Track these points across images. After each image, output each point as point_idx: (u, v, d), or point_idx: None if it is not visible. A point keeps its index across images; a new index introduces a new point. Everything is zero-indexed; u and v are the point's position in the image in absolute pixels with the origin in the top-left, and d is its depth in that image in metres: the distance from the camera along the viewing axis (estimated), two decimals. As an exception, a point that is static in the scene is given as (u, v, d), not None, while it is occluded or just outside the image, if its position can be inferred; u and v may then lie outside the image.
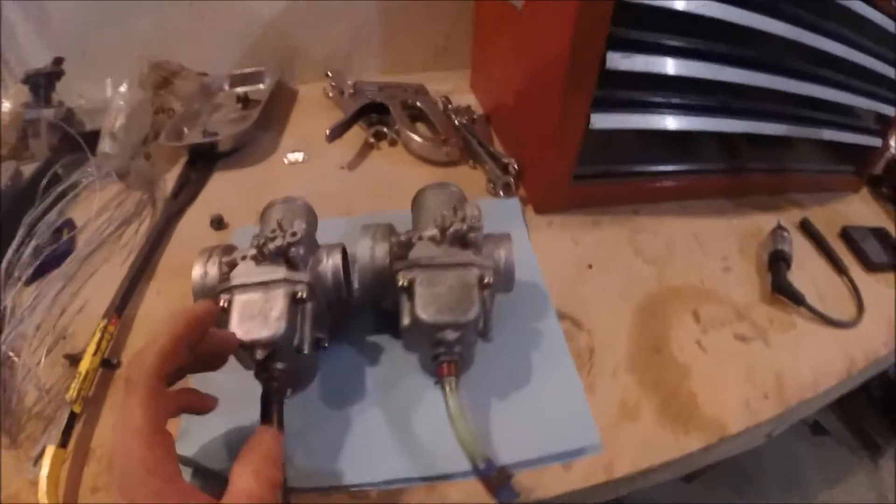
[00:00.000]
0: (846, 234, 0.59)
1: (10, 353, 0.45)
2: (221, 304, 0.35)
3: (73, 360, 0.46)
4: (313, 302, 0.37)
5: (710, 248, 0.55)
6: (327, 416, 0.40)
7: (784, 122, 0.58)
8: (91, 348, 0.44)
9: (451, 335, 0.34)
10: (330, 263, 0.39)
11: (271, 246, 0.36)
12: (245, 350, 0.33)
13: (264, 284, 0.35)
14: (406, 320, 0.35)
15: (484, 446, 0.32)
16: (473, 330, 0.35)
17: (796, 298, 0.49)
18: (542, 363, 0.42)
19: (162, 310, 0.51)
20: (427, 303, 0.34)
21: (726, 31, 0.48)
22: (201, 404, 0.34)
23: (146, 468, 0.25)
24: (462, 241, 0.38)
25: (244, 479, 0.27)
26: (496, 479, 0.31)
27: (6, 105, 0.63)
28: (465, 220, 0.38)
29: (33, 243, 0.54)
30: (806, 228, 0.60)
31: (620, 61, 0.46)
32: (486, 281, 0.36)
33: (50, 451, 0.39)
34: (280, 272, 0.36)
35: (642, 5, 0.44)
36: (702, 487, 0.98)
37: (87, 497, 0.39)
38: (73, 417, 0.41)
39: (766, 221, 0.59)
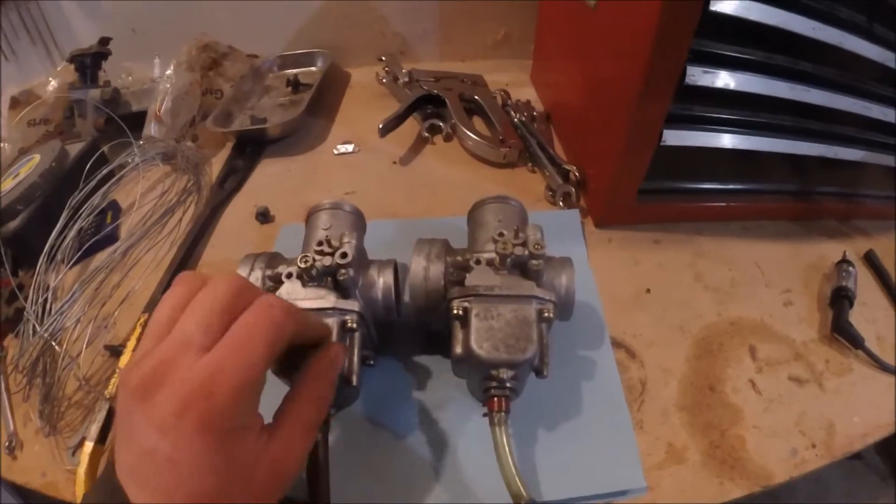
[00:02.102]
0: (911, 269, 0.55)
1: (53, 343, 0.45)
2: None
3: (114, 351, 0.46)
4: (362, 328, 0.35)
5: (772, 278, 0.52)
6: (369, 434, 0.39)
7: (861, 147, 0.55)
8: (131, 344, 0.45)
9: (505, 373, 0.32)
10: (381, 283, 0.38)
11: (319, 266, 0.35)
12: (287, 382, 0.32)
13: (312, 312, 0.34)
14: (458, 350, 0.34)
15: (528, 490, 0.30)
16: (528, 367, 0.33)
17: (855, 342, 0.46)
18: (593, 395, 0.41)
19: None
20: (482, 337, 0.32)
21: (813, 50, 0.45)
22: None
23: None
24: (522, 268, 0.36)
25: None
26: (540, 523, 0.30)
27: (52, 84, 0.63)
28: (527, 245, 0.36)
29: (77, 226, 0.53)
30: (870, 261, 0.56)
31: (701, 76, 0.42)
32: (545, 315, 0.34)
33: (88, 447, 0.39)
34: (329, 299, 0.34)
35: (726, 17, 0.40)
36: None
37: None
38: (111, 413, 0.41)
39: (831, 250, 0.55)
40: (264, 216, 0.57)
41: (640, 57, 0.41)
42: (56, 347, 0.46)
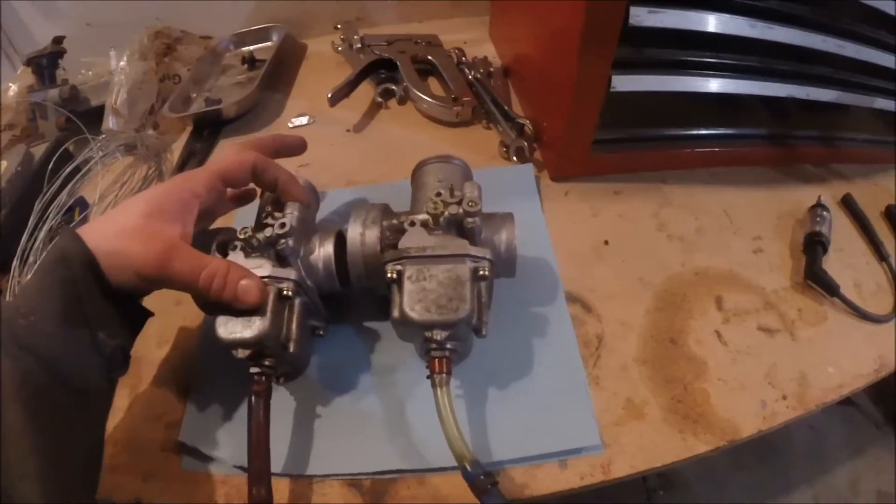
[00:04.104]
0: (891, 214, 0.52)
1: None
2: None
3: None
4: (302, 297, 0.36)
5: (742, 225, 0.50)
6: (323, 401, 0.39)
7: (834, 87, 0.52)
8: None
9: (439, 334, 0.32)
10: (322, 254, 0.38)
11: (260, 237, 0.35)
12: (228, 350, 0.32)
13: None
14: (395, 313, 0.33)
15: (470, 449, 0.30)
16: (466, 326, 0.33)
17: (830, 288, 0.45)
18: (546, 352, 0.40)
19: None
20: (414, 300, 0.32)
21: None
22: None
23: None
24: (458, 226, 0.36)
25: None
26: (482, 482, 0.29)
27: (13, 89, 0.63)
28: (462, 203, 0.35)
29: (46, 226, 0.54)
30: (848, 205, 0.54)
31: (647, 17, 0.40)
32: (480, 274, 0.33)
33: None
34: (266, 268, 0.35)
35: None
36: (725, 454, 0.96)
37: (104, 477, 0.39)
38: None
39: (806, 196, 0.53)
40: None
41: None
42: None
